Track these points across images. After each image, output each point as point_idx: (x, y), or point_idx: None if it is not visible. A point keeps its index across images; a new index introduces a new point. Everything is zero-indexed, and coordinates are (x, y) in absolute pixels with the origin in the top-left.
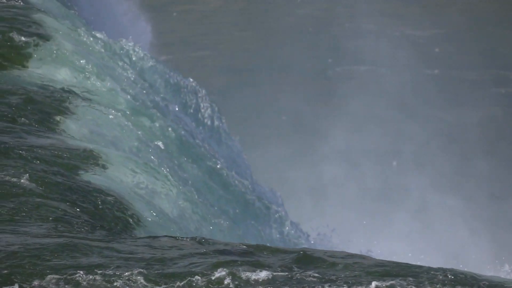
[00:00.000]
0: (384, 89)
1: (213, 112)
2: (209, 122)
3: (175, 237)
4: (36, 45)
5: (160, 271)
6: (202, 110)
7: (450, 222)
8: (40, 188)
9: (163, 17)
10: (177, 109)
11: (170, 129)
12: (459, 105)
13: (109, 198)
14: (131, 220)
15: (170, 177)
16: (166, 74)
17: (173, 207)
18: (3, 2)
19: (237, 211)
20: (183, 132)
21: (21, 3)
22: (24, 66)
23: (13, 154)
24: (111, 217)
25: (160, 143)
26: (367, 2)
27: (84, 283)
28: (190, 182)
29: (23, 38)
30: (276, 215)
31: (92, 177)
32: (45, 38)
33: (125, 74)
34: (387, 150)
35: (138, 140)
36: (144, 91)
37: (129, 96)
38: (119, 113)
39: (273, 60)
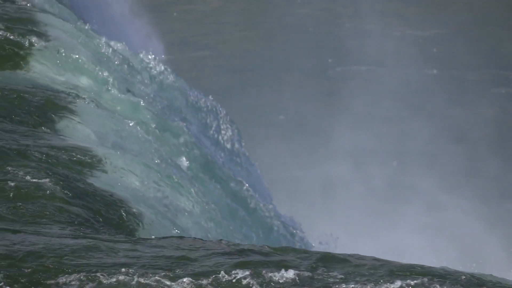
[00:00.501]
0: (384, 89)
1: (234, 134)
2: (229, 146)
3: (200, 239)
4: (58, 51)
5: (184, 270)
6: (223, 132)
7: (462, 221)
8: (62, 193)
9: (163, 17)
10: (196, 129)
11: (194, 146)
12: (460, 105)
13: (133, 210)
14: (153, 236)
15: (194, 193)
16: (186, 91)
17: (197, 228)
18: (20, 5)
19: (260, 236)
20: (207, 150)
21: (37, 9)
22: (44, 71)
23: (35, 158)
24: (131, 230)
25: (183, 160)
26: (367, 2)
27: (109, 282)
28: (212, 203)
29: (43, 43)
30: (301, 242)
31: (116, 187)
32: (65, 44)
33: (144, 89)
34: (388, 150)
35: (160, 156)
36: (165, 110)
37: (151, 112)
38: (142, 127)
39: (273, 60)
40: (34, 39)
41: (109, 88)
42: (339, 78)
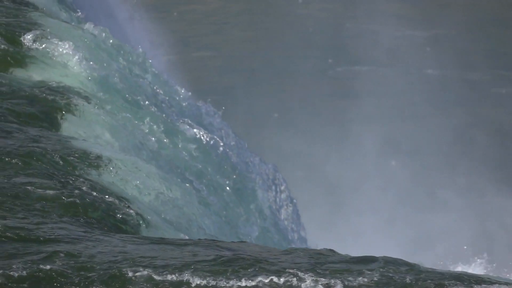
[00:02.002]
0: (385, 89)
1: (294, 212)
2: (289, 228)
3: (260, 246)
4: (117, 92)
5: (260, 270)
6: (283, 211)
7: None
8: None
9: (163, 17)
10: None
11: (269, 217)
12: (460, 105)
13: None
14: None
15: None
16: (244, 152)
17: None
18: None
19: None
20: (281, 223)
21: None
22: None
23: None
24: None
25: (254, 229)
26: (368, 2)
27: (178, 280)
28: None
29: (102, 72)
30: None
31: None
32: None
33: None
34: (389, 149)
35: (230, 216)
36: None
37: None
38: (217, 183)
39: (274, 61)
40: (83, 62)
41: (156, 134)
42: (340, 78)
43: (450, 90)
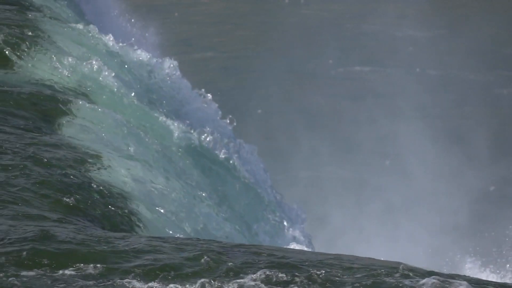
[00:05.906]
0: (386, 89)
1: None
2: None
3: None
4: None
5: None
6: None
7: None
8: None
9: (164, 17)
10: None
11: None
12: (461, 105)
13: None
14: None
15: None
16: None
17: None
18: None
19: None
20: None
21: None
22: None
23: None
24: None
25: None
26: (369, 2)
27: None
28: None
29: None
30: None
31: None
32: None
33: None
34: (388, 149)
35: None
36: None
37: None
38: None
39: (276, 61)
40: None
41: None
42: (342, 78)
43: (451, 91)
